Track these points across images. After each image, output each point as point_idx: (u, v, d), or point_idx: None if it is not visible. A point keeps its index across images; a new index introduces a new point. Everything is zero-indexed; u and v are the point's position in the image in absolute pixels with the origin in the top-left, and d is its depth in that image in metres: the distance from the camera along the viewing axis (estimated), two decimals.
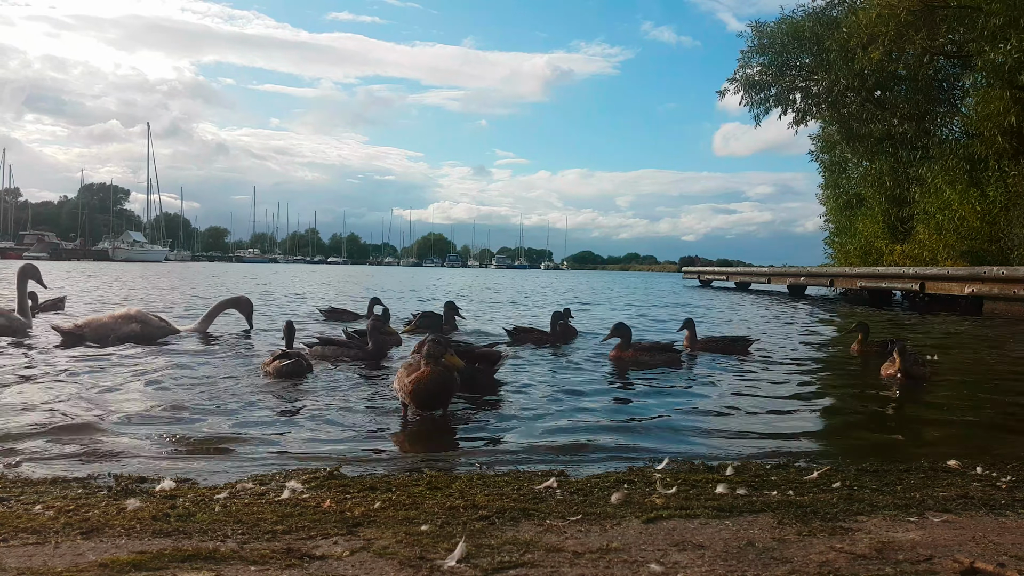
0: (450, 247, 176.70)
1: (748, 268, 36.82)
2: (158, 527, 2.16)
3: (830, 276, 23.46)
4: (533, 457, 3.40)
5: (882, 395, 5.34)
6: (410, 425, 4.00)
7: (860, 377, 6.25)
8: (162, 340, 7.39)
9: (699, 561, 1.98)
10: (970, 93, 21.57)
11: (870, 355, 7.34)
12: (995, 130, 18.60)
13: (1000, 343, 9.68)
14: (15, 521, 2.20)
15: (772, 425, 4.23)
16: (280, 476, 2.84)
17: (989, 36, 18.01)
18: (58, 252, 76.17)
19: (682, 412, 4.54)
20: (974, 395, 5.44)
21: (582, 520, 2.33)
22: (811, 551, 2.07)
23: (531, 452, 3.51)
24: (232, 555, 1.95)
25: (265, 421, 3.96)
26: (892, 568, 1.96)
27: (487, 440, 3.72)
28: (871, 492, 2.74)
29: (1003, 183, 19.30)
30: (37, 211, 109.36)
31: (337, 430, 3.80)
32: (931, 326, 12.66)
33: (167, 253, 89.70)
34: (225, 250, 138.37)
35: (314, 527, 2.21)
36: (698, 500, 2.57)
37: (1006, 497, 2.69)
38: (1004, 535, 2.26)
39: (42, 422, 3.72)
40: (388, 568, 1.89)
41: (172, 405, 4.26)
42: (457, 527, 2.22)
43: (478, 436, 3.80)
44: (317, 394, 4.78)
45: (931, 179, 22.00)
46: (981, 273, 15.50)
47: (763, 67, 26.18)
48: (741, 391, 5.36)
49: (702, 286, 35.97)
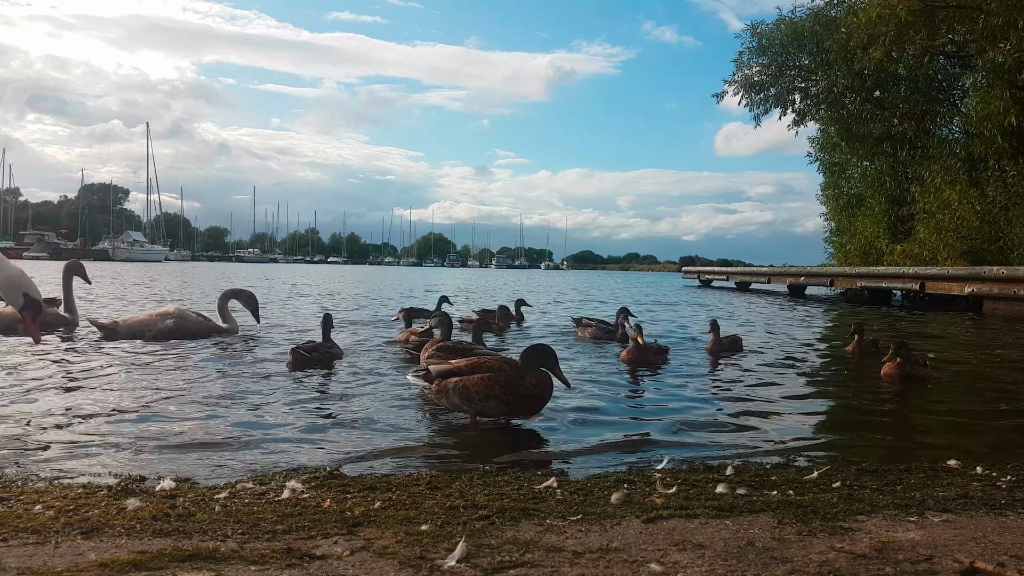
0: (450, 247, 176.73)
1: (748, 268, 36.82)
2: (158, 527, 2.16)
3: (830, 276, 23.46)
4: (533, 457, 3.41)
5: (882, 395, 5.34)
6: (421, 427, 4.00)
7: (860, 377, 6.25)
8: (201, 337, 7.45)
9: (699, 561, 1.98)
10: (970, 93, 21.58)
11: (867, 355, 7.38)
12: (995, 130, 18.60)
13: (1000, 343, 9.67)
14: (15, 521, 2.19)
15: (772, 425, 4.23)
16: (280, 476, 2.84)
17: (989, 36, 18.00)
18: (58, 252, 76.12)
19: (682, 412, 4.54)
20: (974, 395, 5.44)
21: (582, 520, 2.33)
22: (811, 551, 2.07)
23: (531, 452, 3.52)
24: (232, 555, 1.95)
25: (265, 421, 3.96)
26: (892, 568, 1.96)
27: (488, 441, 3.72)
28: (871, 492, 2.74)
29: (1003, 183, 19.29)
30: (37, 211, 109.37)
31: (340, 429, 3.80)
32: (931, 326, 12.66)
33: (167, 253, 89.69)
34: (225, 250, 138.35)
35: (314, 527, 2.20)
36: (698, 500, 2.57)
37: (1006, 497, 2.69)
38: (1004, 535, 2.25)
39: (42, 422, 3.72)
40: (388, 568, 1.89)
41: (175, 405, 4.26)
42: (457, 527, 2.22)
43: (478, 437, 3.80)
44: (324, 392, 4.78)
45: (931, 179, 21.99)
46: (981, 273, 15.50)
47: (762, 68, 26.16)
48: (741, 390, 5.36)
49: (702, 286, 35.96)
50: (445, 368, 4.01)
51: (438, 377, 3.98)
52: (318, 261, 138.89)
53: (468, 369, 3.92)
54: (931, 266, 19.15)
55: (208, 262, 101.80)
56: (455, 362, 4.07)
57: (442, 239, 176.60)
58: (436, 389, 3.98)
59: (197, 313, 7.91)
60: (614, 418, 4.30)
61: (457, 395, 3.86)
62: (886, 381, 5.76)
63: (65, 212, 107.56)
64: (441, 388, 3.94)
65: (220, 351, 6.76)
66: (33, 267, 37.47)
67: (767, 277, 29.36)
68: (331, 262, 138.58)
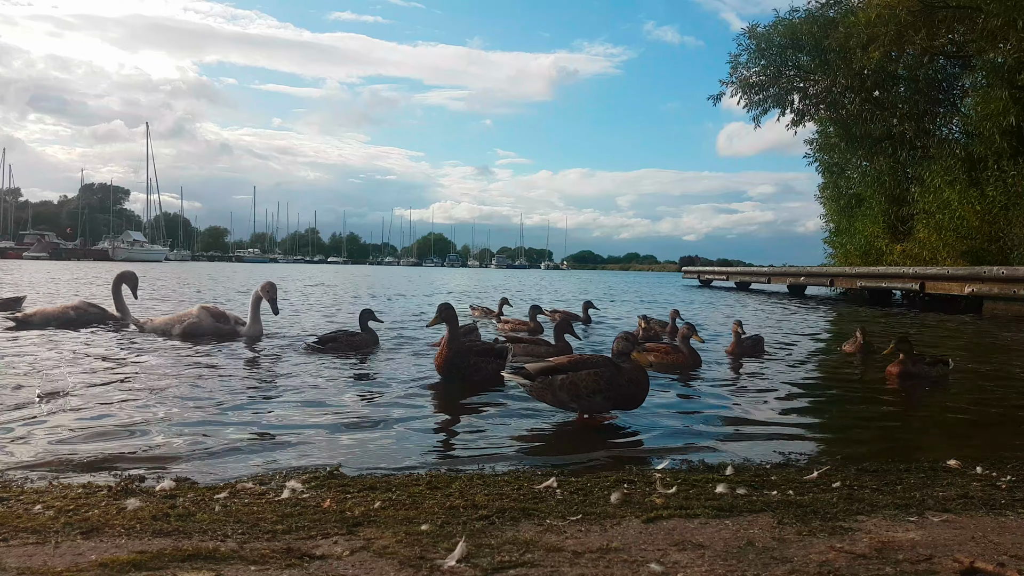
0: (450, 247, 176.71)
1: (748, 268, 36.82)
2: (158, 527, 2.16)
3: (830, 276, 23.46)
4: (533, 457, 3.40)
5: (882, 395, 5.34)
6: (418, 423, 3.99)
7: (860, 377, 6.25)
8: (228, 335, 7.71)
9: (699, 561, 1.98)
10: (970, 93, 21.58)
11: (865, 354, 7.43)
12: (995, 130, 18.60)
13: (1000, 343, 9.67)
14: (15, 521, 2.19)
15: (772, 425, 4.23)
16: (280, 476, 2.84)
17: (988, 36, 18.01)
18: (58, 252, 76.15)
19: (682, 411, 4.54)
20: (974, 395, 5.44)
21: (582, 520, 2.32)
22: (811, 551, 2.07)
23: (531, 452, 3.51)
24: (232, 555, 1.95)
25: (266, 421, 3.96)
26: (892, 568, 1.96)
27: (488, 441, 3.72)
28: (871, 492, 2.74)
29: (1002, 183, 19.29)
30: (37, 211, 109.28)
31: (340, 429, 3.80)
32: (931, 326, 12.65)
33: (167, 253, 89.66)
34: (225, 250, 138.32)
35: (314, 527, 2.20)
36: (698, 500, 2.57)
37: (1006, 497, 2.69)
38: (1004, 535, 2.25)
39: (42, 421, 3.72)
40: (388, 568, 1.89)
41: (176, 405, 4.26)
42: (457, 527, 2.22)
43: (478, 436, 3.80)
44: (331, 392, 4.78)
45: (931, 179, 21.99)
46: (981, 273, 15.50)
47: (760, 68, 26.15)
48: (740, 390, 5.36)
49: (702, 286, 35.96)
50: (546, 366, 4.05)
51: (540, 375, 4.01)
52: (318, 261, 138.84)
53: (571, 365, 3.96)
54: (931, 266, 19.15)
55: (208, 262, 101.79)
56: (555, 360, 4.11)
57: (442, 239, 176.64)
58: (539, 386, 4.01)
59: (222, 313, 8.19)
60: (615, 417, 4.30)
61: (565, 392, 3.90)
62: (889, 380, 5.76)
63: (65, 212, 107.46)
64: (546, 385, 3.97)
65: (235, 350, 6.76)
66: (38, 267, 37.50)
67: (767, 277, 29.36)
68: (331, 262, 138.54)
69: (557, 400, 3.99)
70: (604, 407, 3.98)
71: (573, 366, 3.97)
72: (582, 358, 4.06)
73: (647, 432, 3.96)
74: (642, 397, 4.00)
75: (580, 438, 3.79)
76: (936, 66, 23.05)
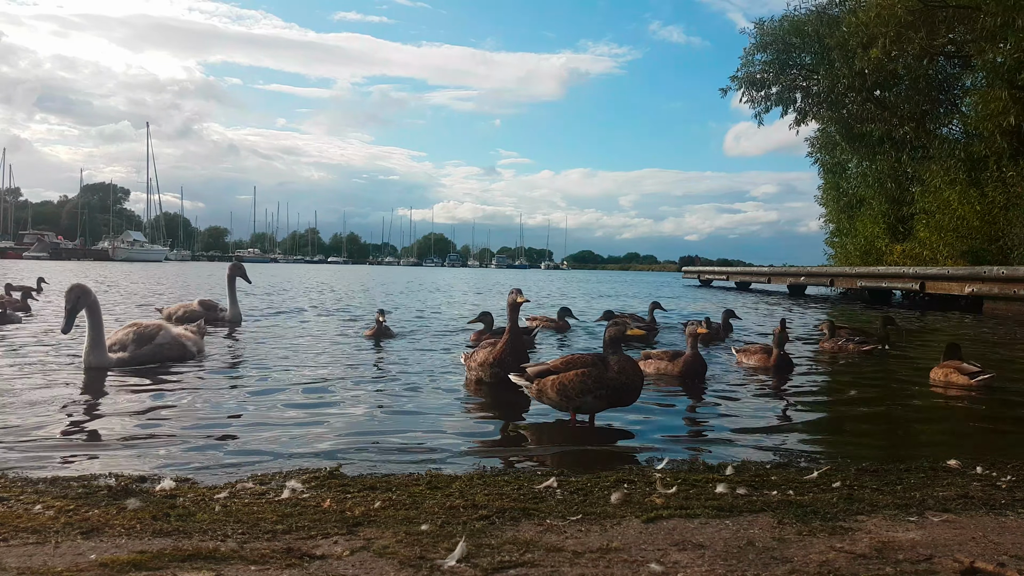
0: (450, 247, 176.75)
1: (748, 268, 36.82)
2: (158, 527, 2.16)
3: (830, 276, 23.46)
4: (533, 457, 3.40)
5: (883, 395, 5.34)
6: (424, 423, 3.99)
7: (860, 377, 6.25)
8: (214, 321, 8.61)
9: (699, 561, 1.98)
10: (970, 93, 21.58)
11: (846, 351, 7.74)
12: (995, 130, 18.61)
13: (1000, 342, 9.67)
14: (15, 521, 2.19)
15: (772, 425, 4.23)
16: (280, 476, 2.84)
17: (988, 36, 18.00)
18: (58, 252, 76.13)
19: (682, 412, 4.54)
20: (975, 395, 5.44)
21: (582, 520, 2.32)
22: (811, 551, 2.07)
23: (532, 452, 3.51)
24: (232, 555, 1.95)
25: (266, 421, 3.96)
26: (892, 568, 1.96)
27: (489, 440, 3.72)
28: (871, 492, 2.74)
29: (1002, 183, 19.31)
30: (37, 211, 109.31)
31: (344, 429, 3.80)
32: (931, 326, 12.65)
33: (167, 253, 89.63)
34: (225, 250, 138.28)
35: (314, 527, 2.20)
36: (698, 500, 2.57)
37: (1006, 497, 2.69)
38: (1004, 535, 2.25)
39: (43, 420, 3.72)
40: (388, 568, 1.89)
41: (177, 404, 4.26)
42: (457, 527, 2.22)
43: (478, 436, 3.80)
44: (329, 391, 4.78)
45: (931, 179, 22.00)
46: (981, 273, 15.50)
47: (765, 64, 26.14)
48: (740, 390, 5.36)
49: (702, 286, 35.96)
50: (542, 368, 4.06)
51: (536, 377, 4.02)
52: (318, 261, 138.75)
53: (563, 366, 3.96)
54: (931, 266, 19.16)
55: (208, 262, 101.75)
56: (551, 362, 4.11)
57: (442, 239, 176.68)
58: (536, 388, 4.01)
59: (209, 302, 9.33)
60: (616, 414, 4.30)
61: (555, 392, 3.90)
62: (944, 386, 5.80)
63: (65, 212, 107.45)
64: (540, 387, 3.98)
65: (229, 345, 6.76)
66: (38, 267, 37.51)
67: (767, 277, 29.36)
68: (331, 262, 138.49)
69: (552, 401, 3.98)
70: (596, 407, 3.93)
71: (564, 367, 3.95)
72: (574, 358, 4.01)
73: (647, 432, 3.96)
74: (635, 390, 3.91)
75: (580, 438, 3.79)
76: (936, 66, 23.04)
